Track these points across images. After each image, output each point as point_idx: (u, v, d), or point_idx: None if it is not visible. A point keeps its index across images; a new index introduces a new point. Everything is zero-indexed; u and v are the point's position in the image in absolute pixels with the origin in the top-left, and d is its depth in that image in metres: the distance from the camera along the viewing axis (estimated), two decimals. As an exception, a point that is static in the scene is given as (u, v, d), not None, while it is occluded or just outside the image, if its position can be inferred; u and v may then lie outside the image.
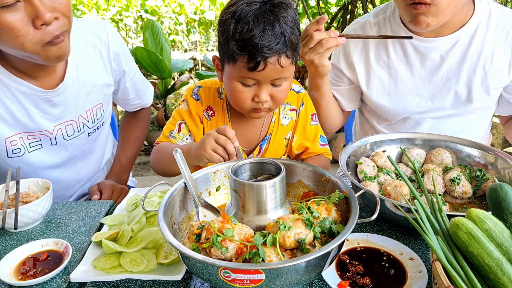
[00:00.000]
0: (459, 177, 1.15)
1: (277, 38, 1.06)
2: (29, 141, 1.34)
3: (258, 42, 1.05)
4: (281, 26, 1.07)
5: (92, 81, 1.42)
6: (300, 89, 1.42)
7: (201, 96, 1.36)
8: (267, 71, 1.10)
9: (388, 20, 1.48)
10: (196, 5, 9.28)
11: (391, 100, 1.50)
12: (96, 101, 1.46)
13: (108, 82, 1.48)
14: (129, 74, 1.56)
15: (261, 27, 1.05)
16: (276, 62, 1.09)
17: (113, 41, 1.45)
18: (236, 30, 1.07)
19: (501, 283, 0.70)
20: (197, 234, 0.80)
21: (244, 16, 1.06)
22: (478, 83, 1.40)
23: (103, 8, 8.77)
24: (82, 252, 1.03)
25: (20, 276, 0.94)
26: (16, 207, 1.11)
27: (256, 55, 1.06)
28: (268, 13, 1.06)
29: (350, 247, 0.99)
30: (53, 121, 1.36)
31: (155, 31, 4.58)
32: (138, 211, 1.13)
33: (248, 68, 1.09)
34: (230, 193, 0.91)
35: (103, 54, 1.44)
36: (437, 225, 0.83)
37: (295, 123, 1.41)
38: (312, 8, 5.39)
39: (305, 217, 0.82)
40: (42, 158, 1.39)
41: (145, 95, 1.70)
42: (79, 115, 1.42)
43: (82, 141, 1.47)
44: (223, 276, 0.69)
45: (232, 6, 1.10)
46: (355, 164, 1.23)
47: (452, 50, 1.40)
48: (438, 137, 1.33)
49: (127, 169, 1.70)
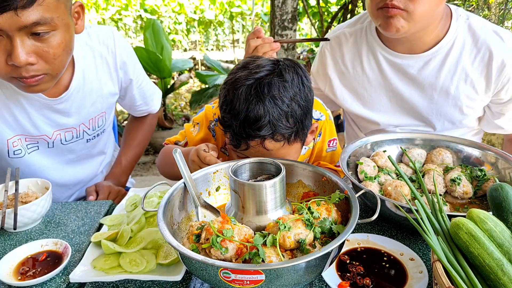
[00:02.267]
0: (460, 177, 1.15)
1: (259, 122, 0.97)
2: (27, 143, 1.35)
3: (237, 124, 0.99)
4: (266, 108, 0.97)
5: (98, 90, 1.41)
6: (320, 116, 1.30)
7: (217, 132, 1.28)
8: (251, 151, 1.03)
9: (365, 32, 1.47)
10: (196, 5, 9.27)
11: (364, 111, 1.51)
12: (100, 110, 1.45)
13: (113, 91, 1.47)
14: (136, 82, 1.54)
15: (243, 108, 0.98)
16: (258, 145, 1.01)
17: (120, 50, 1.44)
18: (223, 104, 1.03)
19: (502, 283, 0.70)
20: (196, 235, 0.80)
21: (232, 90, 1.01)
22: (451, 105, 1.40)
23: (103, 7, 8.77)
24: (81, 252, 1.03)
25: (20, 276, 0.94)
26: (15, 207, 1.10)
27: (236, 135, 1.01)
28: (254, 94, 0.98)
29: (350, 248, 0.99)
30: (54, 127, 1.36)
31: (156, 30, 4.57)
32: (137, 211, 1.13)
33: (233, 145, 1.05)
34: (230, 193, 0.91)
35: (110, 63, 1.43)
36: (437, 225, 0.82)
37: (311, 153, 1.35)
38: (312, 8, 5.39)
39: (305, 218, 0.82)
40: (39, 160, 1.40)
41: (152, 101, 1.68)
42: (81, 123, 1.41)
43: (79, 146, 1.47)
44: (223, 277, 0.69)
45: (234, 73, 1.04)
46: (356, 164, 1.23)
47: (424, 68, 1.38)
48: (438, 137, 1.33)
49: (127, 171, 1.69)
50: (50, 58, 1.09)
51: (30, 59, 1.04)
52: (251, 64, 1.04)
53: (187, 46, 9.77)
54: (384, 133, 1.37)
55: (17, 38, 1.01)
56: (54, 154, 1.43)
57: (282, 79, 1.01)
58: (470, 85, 1.36)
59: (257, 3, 8.75)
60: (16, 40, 1.01)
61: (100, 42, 1.40)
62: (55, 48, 1.08)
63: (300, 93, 1.02)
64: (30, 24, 1.00)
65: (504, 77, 1.32)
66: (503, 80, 1.33)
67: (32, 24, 1.00)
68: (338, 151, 1.38)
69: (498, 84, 1.34)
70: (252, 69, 1.02)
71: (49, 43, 1.06)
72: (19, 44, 1.01)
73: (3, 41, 1.02)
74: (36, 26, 1.01)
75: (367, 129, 1.56)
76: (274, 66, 1.03)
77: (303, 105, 1.03)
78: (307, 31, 8.80)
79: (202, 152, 1.05)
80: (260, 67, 1.03)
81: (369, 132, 1.59)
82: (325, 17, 5.24)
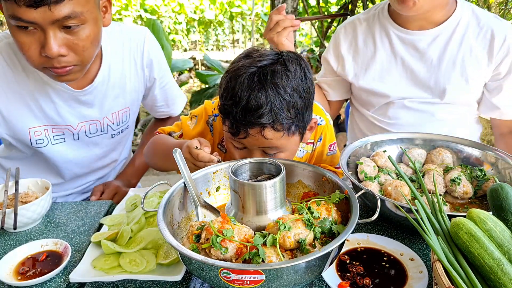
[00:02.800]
0: (460, 177, 1.15)
1: (260, 110, 0.96)
2: (53, 134, 1.40)
3: (237, 110, 0.97)
4: (268, 96, 0.96)
5: (121, 85, 1.45)
6: (322, 121, 1.31)
7: (216, 128, 1.27)
8: (249, 139, 1.02)
9: (377, 15, 1.58)
10: (196, 5, 9.28)
11: (375, 84, 1.57)
12: (123, 105, 1.49)
13: (138, 88, 1.51)
14: (160, 82, 1.57)
15: (244, 95, 0.97)
16: (258, 133, 0.99)
17: (148, 49, 1.48)
18: (224, 91, 1.02)
19: (502, 283, 0.70)
20: (196, 235, 0.80)
21: (234, 78, 1.00)
22: (457, 74, 1.47)
23: (103, 7, 8.76)
24: (81, 252, 1.03)
25: (20, 276, 0.94)
26: (15, 207, 1.10)
27: (236, 122, 1.00)
28: (257, 80, 0.97)
29: (350, 248, 0.99)
30: (78, 118, 1.40)
31: (156, 30, 4.58)
32: (137, 211, 1.13)
33: (231, 133, 1.03)
34: (230, 193, 0.91)
35: (137, 61, 1.47)
36: (437, 225, 0.82)
37: (311, 156, 1.34)
38: (312, 8, 5.39)
39: (305, 218, 0.82)
40: (64, 152, 1.44)
41: (174, 105, 1.70)
42: (105, 116, 1.45)
43: (105, 141, 1.51)
44: (223, 277, 0.69)
45: (237, 62, 1.04)
46: (356, 164, 1.23)
47: (433, 43, 1.48)
48: (438, 137, 1.33)
49: (139, 173, 1.70)
50: (80, 50, 1.15)
51: (61, 51, 1.11)
52: (255, 53, 1.04)
53: (187, 46, 9.77)
54: (384, 133, 1.37)
55: (50, 31, 1.07)
56: (79, 148, 1.47)
57: (285, 68, 1.00)
58: (475, 58, 1.46)
59: (257, 3, 8.76)
60: (49, 33, 1.07)
61: (131, 39, 1.45)
62: (84, 41, 1.14)
63: (303, 85, 1.02)
64: (62, 17, 1.06)
65: (504, 51, 1.43)
66: (502, 53, 1.44)
67: (64, 18, 1.06)
68: (337, 154, 1.39)
69: (498, 58, 1.45)
70: (256, 58, 1.02)
71: (79, 36, 1.12)
72: (51, 36, 1.08)
73: (37, 34, 1.08)
74: (67, 20, 1.07)
75: (376, 104, 1.61)
76: (277, 56, 1.03)
77: (305, 96, 1.03)
78: (307, 31, 8.80)
79: (194, 150, 1.03)
80: (264, 56, 1.03)
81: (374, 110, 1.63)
82: (325, 17, 5.24)
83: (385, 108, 1.59)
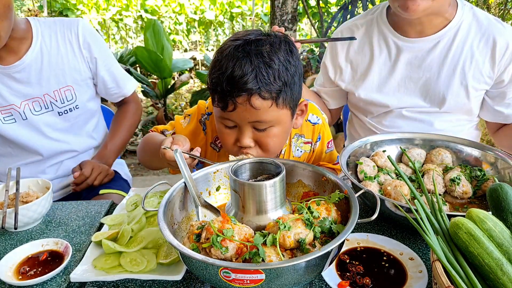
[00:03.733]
0: (459, 177, 1.15)
1: (245, 76, 0.97)
2: (3, 116, 1.54)
3: (223, 80, 0.98)
4: (253, 63, 0.97)
5: (59, 65, 1.58)
6: (318, 120, 1.32)
7: (208, 126, 1.27)
8: (239, 111, 1.01)
9: (376, 21, 1.54)
10: (196, 5, 9.28)
11: (374, 95, 1.54)
12: (63, 83, 1.61)
13: (80, 68, 1.64)
14: (102, 62, 1.68)
15: (230, 65, 0.98)
16: (246, 102, 0.99)
17: (83, 32, 1.62)
18: (211, 68, 1.04)
19: (501, 283, 0.70)
20: (197, 234, 0.80)
21: (220, 53, 1.02)
22: (457, 82, 1.44)
23: (103, 7, 8.78)
24: (82, 252, 1.03)
25: (20, 276, 0.94)
26: (16, 207, 1.11)
27: (224, 94, 0.99)
28: (241, 50, 0.99)
29: (350, 247, 0.99)
30: (19, 97, 1.55)
31: (157, 30, 4.58)
32: (138, 211, 1.13)
33: (220, 108, 1.03)
34: (230, 193, 0.91)
35: (73, 43, 1.61)
36: (437, 225, 0.83)
37: (309, 156, 1.35)
38: (312, 8, 5.39)
39: (305, 217, 0.82)
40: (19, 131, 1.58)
41: (125, 85, 1.79)
42: (45, 93, 1.58)
43: (52, 119, 1.62)
44: (223, 276, 0.69)
45: (224, 44, 1.06)
46: (355, 164, 1.23)
47: (433, 50, 1.45)
48: (438, 137, 1.33)
49: (113, 154, 1.77)
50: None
51: None
52: (241, 33, 1.07)
53: (187, 46, 9.77)
54: (384, 133, 1.38)
55: None
56: (31, 126, 1.59)
57: (271, 41, 1.02)
58: (476, 65, 1.42)
59: (257, 3, 8.76)
60: None
61: (64, 26, 1.61)
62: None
63: (288, 58, 1.03)
64: None
65: (507, 58, 1.39)
66: (506, 61, 1.40)
67: None
68: (335, 151, 1.41)
69: (501, 66, 1.41)
70: (242, 35, 1.05)
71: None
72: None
73: None
74: None
75: (375, 112, 1.59)
76: (264, 34, 1.06)
77: (292, 70, 1.03)
78: (307, 32, 8.80)
79: (161, 149, 1.02)
80: (250, 33, 1.05)
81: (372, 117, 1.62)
82: (325, 18, 5.24)
83: (383, 116, 1.58)
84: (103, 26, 8.90)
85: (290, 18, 4.19)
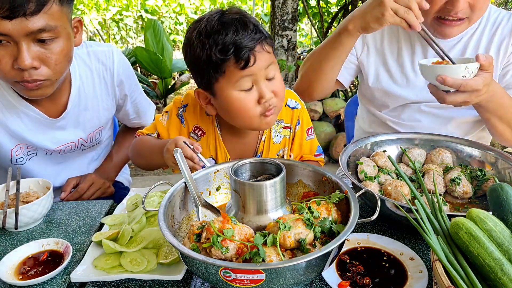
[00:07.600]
0: (460, 177, 1.15)
1: (252, 30, 1.07)
2: (27, 150, 1.44)
3: (238, 39, 1.05)
4: (251, 21, 1.09)
5: (94, 107, 1.48)
6: (296, 104, 1.37)
7: (186, 118, 1.31)
8: (258, 62, 1.07)
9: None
10: (196, 5, 9.28)
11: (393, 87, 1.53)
12: (98, 125, 1.53)
13: (110, 107, 1.55)
14: (131, 97, 1.61)
15: (232, 28, 1.05)
16: (262, 49, 1.08)
17: (118, 68, 1.50)
18: (211, 42, 1.06)
19: (502, 283, 0.70)
20: (197, 234, 0.80)
21: (211, 29, 1.06)
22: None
23: (103, 7, 8.78)
24: (82, 252, 1.03)
25: (21, 276, 0.94)
26: (17, 207, 1.11)
27: (242, 51, 1.04)
28: (231, 18, 1.08)
29: (350, 247, 0.99)
30: (54, 143, 1.44)
31: (157, 30, 4.58)
32: (138, 211, 1.13)
33: (240, 68, 1.06)
34: (231, 193, 0.91)
35: (108, 82, 1.50)
36: (437, 225, 0.82)
37: (290, 142, 1.37)
38: (312, 8, 5.39)
39: (305, 217, 0.82)
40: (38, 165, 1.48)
41: (146, 116, 1.74)
42: (80, 137, 1.50)
43: (74, 154, 1.55)
44: (224, 276, 0.69)
45: (193, 32, 1.10)
46: (356, 164, 1.23)
47: (454, 47, 1.47)
48: (438, 137, 1.33)
49: (117, 167, 1.73)
50: (52, 64, 1.17)
51: (34, 63, 1.12)
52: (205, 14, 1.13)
53: (187, 46, 9.77)
54: (384, 134, 1.38)
55: (23, 43, 1.09)
56: (50, 160, 1.51)
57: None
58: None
59: (257, 3, 8.76)
60: (23, 45, 1.09)
61: (99, 61, 1.46)
62: (57, 54, 1.16)
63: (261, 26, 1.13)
64: (36, 30, 1.08)
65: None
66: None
67: (38, 30, 1.09)
68: (315, 139, 1.43)
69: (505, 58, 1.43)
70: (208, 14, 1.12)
71: (52, 50, 1.15)
72: (25, 48, 1.10)
73: (10, 47, 1.10)
74: (42, 33, 1.10)
75: (391, 105, 1.59)
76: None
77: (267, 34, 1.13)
78: (307, 32, 8.80)
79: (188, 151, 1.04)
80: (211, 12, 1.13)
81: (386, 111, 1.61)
82: (325, 18, 5.25)
83: (400, 110, 1.57)
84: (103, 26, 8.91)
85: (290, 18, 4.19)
